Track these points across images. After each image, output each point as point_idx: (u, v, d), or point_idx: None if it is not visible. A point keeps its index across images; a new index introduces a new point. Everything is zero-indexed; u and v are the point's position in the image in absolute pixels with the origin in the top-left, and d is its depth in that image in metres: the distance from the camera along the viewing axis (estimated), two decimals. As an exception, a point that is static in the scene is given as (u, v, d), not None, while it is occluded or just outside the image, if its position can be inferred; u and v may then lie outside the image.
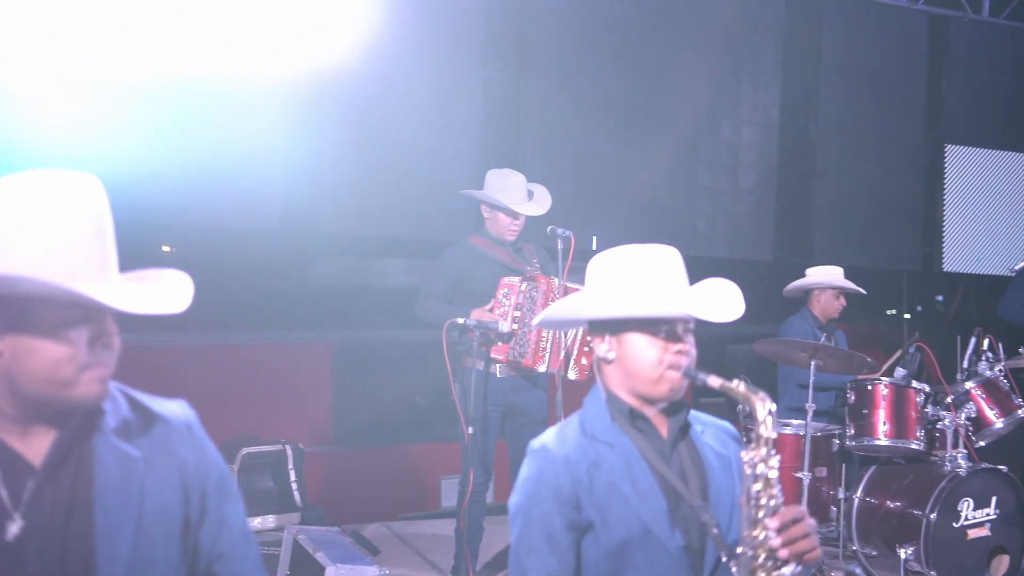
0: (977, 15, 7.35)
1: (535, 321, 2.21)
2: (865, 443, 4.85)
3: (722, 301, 2.10)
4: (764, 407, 1.92)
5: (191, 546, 1.65)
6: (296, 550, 3.75)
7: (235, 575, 1.71)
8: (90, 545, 1.51)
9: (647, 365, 2.04)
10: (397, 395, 6.83)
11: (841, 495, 4.89)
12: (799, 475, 4.62)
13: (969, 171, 7.25)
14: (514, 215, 4.66)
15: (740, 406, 4.57)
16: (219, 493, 1.70)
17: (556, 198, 4.92)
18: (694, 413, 2.18)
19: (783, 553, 1.86)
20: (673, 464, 2.08)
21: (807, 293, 5.57)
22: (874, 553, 4.79)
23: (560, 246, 4.33)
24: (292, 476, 5.05)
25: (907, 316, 8.20)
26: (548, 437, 2.11)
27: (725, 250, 6.45)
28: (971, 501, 4.59)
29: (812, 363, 4.68)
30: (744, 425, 4.50)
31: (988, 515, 4.63)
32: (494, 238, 4.72)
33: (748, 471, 1.91)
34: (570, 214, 5.82)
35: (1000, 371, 5.02)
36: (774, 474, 1.91)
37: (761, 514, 1.89)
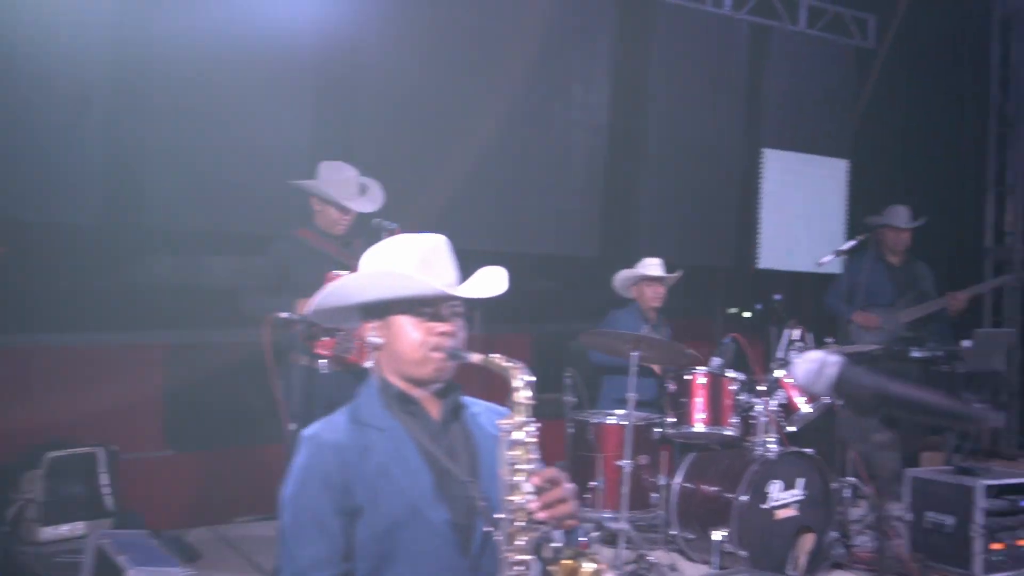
0: (794, 26, 7.77)
1: (307, 309, 2.22)
2: (684, 431, 5.06)
3: (482, 282, 2.19)
4: (520, 376, 2.01)
5: None
6: (100, 556, 3.60)
7: None
8: None
9: (411, 347, 2.12)
10: (232, 396, 6.64)
11: (662, 482, 5.07)
12: (621, 463, 4.77)
13: (784, 173, 7.66)
14: (344, 210, 4.65)
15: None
16: None
17: (388, 193, 4.92)
18: (470, 398, 2.26)
19: (541, 516, 1.92)
20: (444, 444, 2.14)
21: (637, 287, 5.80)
22: (692, 537, 4.98)
23: (385, 239, 4.31)
24: (103, 480, 4.83)
25: (747, 314, 8.54)
26: (319, 425, 2.15)
27: (553, 247, 6.59)
28: (780, 483, 4.83)
29: (633, 354, 4.83)
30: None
31: (795, 496, 4.88)
32: (323, 232, 4.69)
33: (505, 437, 1.97)
34: (402, 210, 5.81)
35: (808, 360, 5.31)
36: (531, 440, 1.98)
37: (519, 479, 1.95)
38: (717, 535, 4.66)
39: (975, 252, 8.57)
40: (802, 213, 7.73)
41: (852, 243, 5.70)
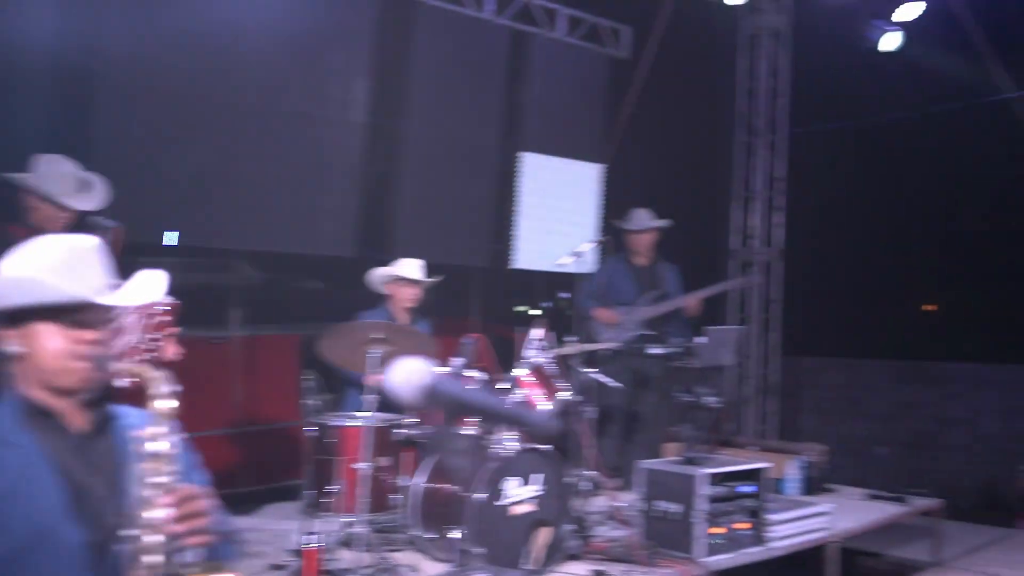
0: (553, 33, 8.01)
1: None
2: (424, 430, 5.08)
3: (136, 287, 2.11)
4: (159, 384, 1.96)
5: None
6: None
7: None
8: None
9: (52, 356, 2.00)
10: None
11: (404, 483, 5.07)
12: (358, 466, 4.74)
13: (541, 177, 7.90)
14: (61, 207, 4.39)
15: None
16: None
17: (130, 192, 4.70)
18: (127, 408, 2.16)
19: (175, 530, 1.87)
20: (85, 458, 2.04)
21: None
22: (434, 536, 5.01)
23: (103, 239, 4.10)
24: None
25: (536, 312, 8.69)
26: None
27: (309, 246, 6.50)
28: (516, 480, 4.93)
29: (372, 353, 4.81)
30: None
31: (532, 492, 5.00)
32: (37, 229, 4.40)
33: (140, 450, 1.91)
34: (147, 208, 5.58)
35: (549, 358, 5.49)
36: (170, 450, 1.92)
37: (153, 493, 1.89)
38: (454, 534, 4.71)
39: (723, 253, 9.15)
40: (557, 215, 7.98)
41: (589, 244, 5.94)
